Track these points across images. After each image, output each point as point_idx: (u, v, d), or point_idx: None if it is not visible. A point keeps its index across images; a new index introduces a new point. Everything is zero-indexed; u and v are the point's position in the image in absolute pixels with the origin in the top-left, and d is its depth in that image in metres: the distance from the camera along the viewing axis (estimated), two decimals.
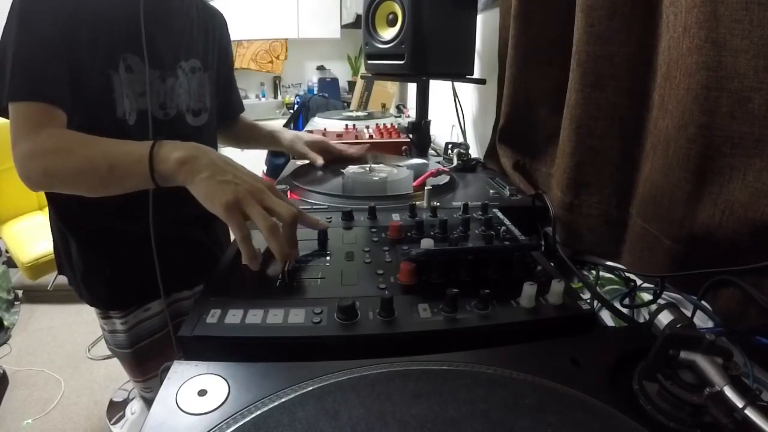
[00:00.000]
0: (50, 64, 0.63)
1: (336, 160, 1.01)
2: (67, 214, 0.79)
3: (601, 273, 0.67)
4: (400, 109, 2.00)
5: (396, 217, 0.68)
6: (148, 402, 1.01)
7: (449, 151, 1.09)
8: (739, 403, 0.31)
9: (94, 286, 0.84)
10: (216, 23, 0.91)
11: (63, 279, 0.91)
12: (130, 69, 0.70)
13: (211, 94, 0.88)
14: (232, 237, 0.53)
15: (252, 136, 1.10)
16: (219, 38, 0.91)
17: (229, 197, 0.51)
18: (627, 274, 0.63)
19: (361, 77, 1.53)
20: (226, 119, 1.02)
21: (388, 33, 1.06)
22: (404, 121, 1.42)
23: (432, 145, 1.27)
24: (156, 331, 0.89)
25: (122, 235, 0.78)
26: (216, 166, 0.54)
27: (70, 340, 2.07)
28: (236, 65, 3.74)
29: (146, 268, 0.68)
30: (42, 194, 1.89)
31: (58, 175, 0.61)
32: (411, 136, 1.19)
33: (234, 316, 0.44)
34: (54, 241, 0.86)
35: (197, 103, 0.85)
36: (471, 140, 1.34)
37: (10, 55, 0.61)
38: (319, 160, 0.99)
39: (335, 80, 3.81)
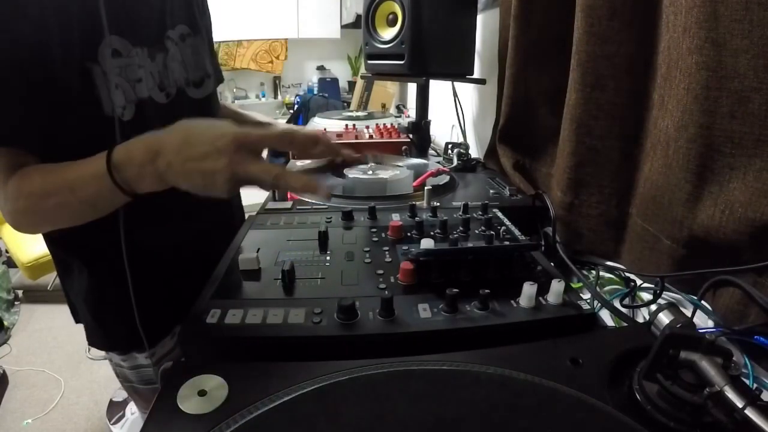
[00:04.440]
0: (13, 104, 0.54)
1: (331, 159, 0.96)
2: (62, 234, 0.63)
3: (601, 273, 0.67)
4: (400, 109, 2.00)
5: (396, 217, 0.68)
6: None
7: (449, 151, 1.09)
8: (739, 403, 0.31)
9: (108, 323, 0.70)
10: None
11: None
12: (118, 53, 0.60)
13: (210, 59, 0.78)
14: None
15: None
16: (201, 3, 0.79)
17: (223, 195, 0.47)
18: (627, 274, 0.63)
19: (361, 77, 1.53)
20: None
21: (388, 33, 1.06)
22: (404, 121, 1.42)
23: (432, 145, 1.26)
24: None
25: (139, 251, 0.63)
26: (182, 150, 0.47)
27: (70, 340, 2.07)
28: (236, 65, 3.74)
29: (165, 291, 0.63)
30: None
31: (42, 224, 0.59)
32: (411, 136, 1.19)
33: (234, 316, 0.44)
34: (60, 279, 0.74)
35: (197, 72, 0.74)
36: (471, 140, 1.34)
37: None
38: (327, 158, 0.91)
39: (335, 80, 3.81)
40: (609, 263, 0.68)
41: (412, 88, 1.80)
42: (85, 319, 0.73)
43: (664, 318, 0.43)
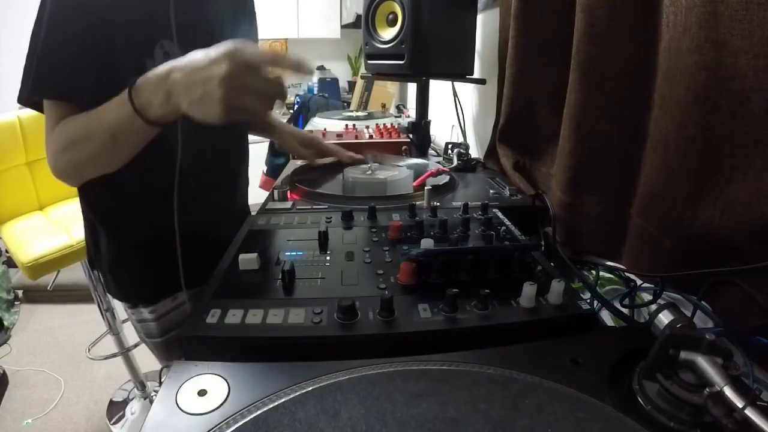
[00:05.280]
0: (76, 63, 0.63)
1: (326, 157, 1.02)
2: (95, 201, 0.80)
3: (601, 273, 0.67)
4: (400, 109, 2.00)
5: (396, 217, 0.68)
6: None
7: (449, 151, 1.09)
8: (739, 403, 0.31)
9: (122, 279, 0.86)
10: (247, 3, 0.91)
11: (63, 279, 0.91)
12: (168, 56, 0.69)
13: None
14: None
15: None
16: (249, 19, 0.92)
17: (218, 111, 0.53)
18: (627, 274, 0.63)
19: (361, 77, 1.53)
20: None
21: (388, 33, 1.06)
22: (404, 121, 1.42)
23: (432, 145, 1.26)
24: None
25: (149, 226, 0.78)
26: (188, 63, 0.55)
27: (70, 340, 2.07)
28: None
29: (173, 260, 0.68)
30: (42, 195, 1.89)
31: (79, 167, 0.67)
32: (411, 136, 1.19)
33: (234, 316, 0.44)
34: (85, 232, 0.88)
35: None
36: (471, 140, 1.34)
37: (38, 50, 0.62)
38: (316, 161, 1.00)
39: (335, 80, 3.80)
40: (609, 263, 0.68)
41: (412, 88, 1.80)
42: (103, 273, 0.89)
43: (664, 318, 0.43)
